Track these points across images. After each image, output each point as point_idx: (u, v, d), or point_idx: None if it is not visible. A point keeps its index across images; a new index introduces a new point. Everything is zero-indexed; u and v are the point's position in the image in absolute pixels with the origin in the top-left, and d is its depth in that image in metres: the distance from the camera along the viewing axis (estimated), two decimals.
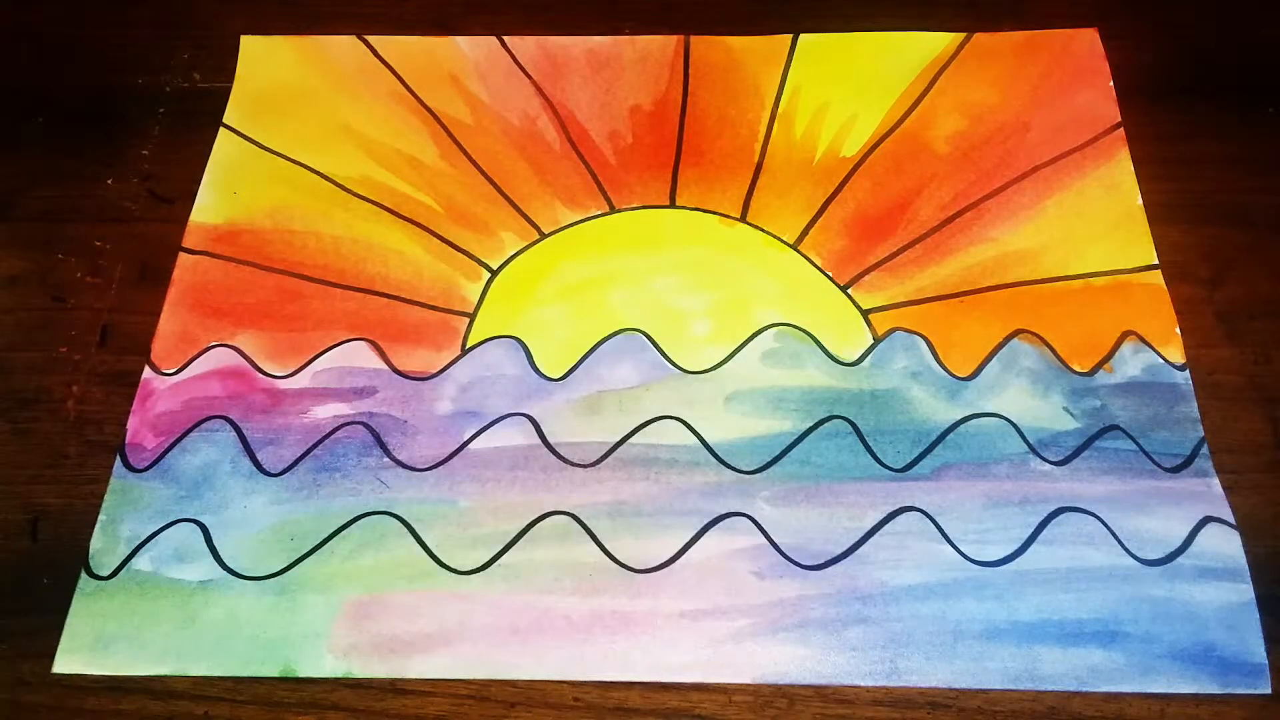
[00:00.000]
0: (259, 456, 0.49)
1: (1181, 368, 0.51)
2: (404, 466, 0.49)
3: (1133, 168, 0.57)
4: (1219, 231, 0.55)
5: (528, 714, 0.44)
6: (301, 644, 0.44)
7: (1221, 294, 0.54)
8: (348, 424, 0.50)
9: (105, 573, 0.46)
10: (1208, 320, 0.53)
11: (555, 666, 0.44)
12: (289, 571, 0.46)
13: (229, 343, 0.53)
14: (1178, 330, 0.52)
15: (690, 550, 0.46)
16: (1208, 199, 0.56)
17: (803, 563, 0.46)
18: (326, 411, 0.51)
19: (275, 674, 0.44)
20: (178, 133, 0.60)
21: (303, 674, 0.44)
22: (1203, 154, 0.58)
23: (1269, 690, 0.43)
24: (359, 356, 0.52)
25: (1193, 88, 0.60)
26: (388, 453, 0.49)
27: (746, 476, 0.48)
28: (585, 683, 0.44)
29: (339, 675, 0.44)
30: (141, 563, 0.46)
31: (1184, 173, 0.57)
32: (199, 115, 0.60)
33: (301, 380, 0.52)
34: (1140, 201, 0.56)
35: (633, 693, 0.44)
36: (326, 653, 0.44)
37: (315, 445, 0.49)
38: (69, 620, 0.45)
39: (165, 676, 0.44)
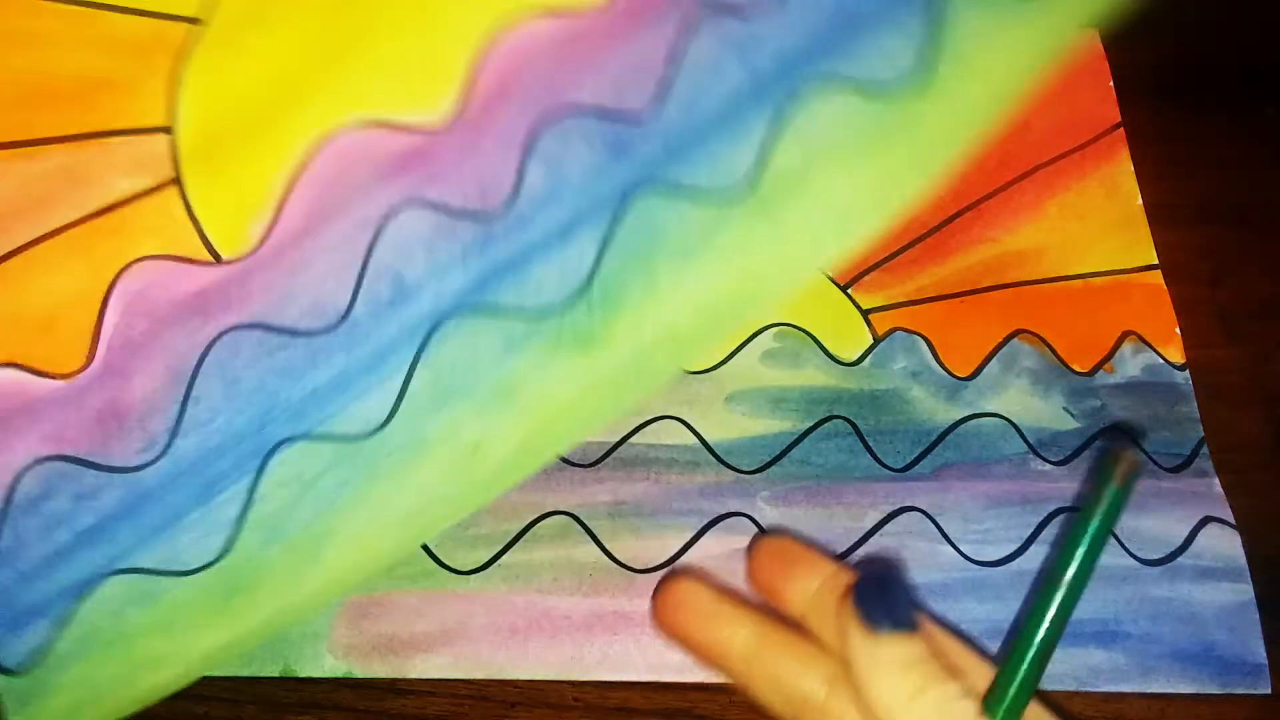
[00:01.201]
0: None
1: (1181, 368, 0.51)
2: None
3: (1133, 168, 0.57)
4: (1219, 231, 0.55)
5: (528, 714, 0.44)
6: (301, 644, 0.44)
7: (1221, 294, 0.54)
8: None
9: None
10: (1208, 320, 0.53)
11: (555, 666, 0.44)
12: None
13: None
14: (1178, 330, 0.52)
15: (690, 550, 0.46)
16: (1208, 199, 0.56)
17: None
18: None
19: (275, 674, 0.44)
20: None
21: (303, 674, 0.44)
22: (1203, 154, 0.58)
23: (1269, 690, 0.43)
24: None
25: (1193, 88, 0.60)
26: None
27: (746, 476, 0.48)
28: (585, 683, 0.44)
29: (339, 675, 0.44)
30: None
31: (1184, 173, 0.57)
32: None
33: None
34: (1140, 202, 0.56)
35: (633, 693, 0.44)
36: (326, 653, 0.44)
37: None
38: None
39: None
